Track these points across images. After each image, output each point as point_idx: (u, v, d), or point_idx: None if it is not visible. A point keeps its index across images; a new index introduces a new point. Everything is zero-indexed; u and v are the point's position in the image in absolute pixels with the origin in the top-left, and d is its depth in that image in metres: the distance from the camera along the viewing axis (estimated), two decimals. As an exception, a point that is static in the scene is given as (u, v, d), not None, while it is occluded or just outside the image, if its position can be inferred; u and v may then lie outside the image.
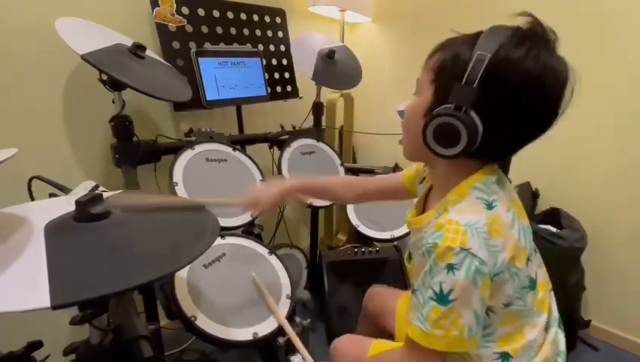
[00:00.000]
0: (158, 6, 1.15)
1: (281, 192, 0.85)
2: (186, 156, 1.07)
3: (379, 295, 0.98)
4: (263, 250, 1.03)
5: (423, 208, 0.71)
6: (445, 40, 0.58)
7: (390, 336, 0.88)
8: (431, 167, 0.67)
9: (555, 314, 0.64)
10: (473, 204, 0.55)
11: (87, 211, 0.52)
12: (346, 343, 0.83)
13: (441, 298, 0.51)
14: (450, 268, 0.50)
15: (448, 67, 0.54)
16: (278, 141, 1.41)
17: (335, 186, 0.94)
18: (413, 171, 0.84)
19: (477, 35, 0.53)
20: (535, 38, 0.51)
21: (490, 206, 0.55)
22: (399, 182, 0.86)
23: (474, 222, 0.52)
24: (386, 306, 0.93)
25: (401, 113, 1.54)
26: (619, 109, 1.31)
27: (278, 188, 0.85)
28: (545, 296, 0.61)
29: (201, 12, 1.27)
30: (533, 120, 0.54)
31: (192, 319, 0.80)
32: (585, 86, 0.52)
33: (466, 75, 0.50)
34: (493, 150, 0.57)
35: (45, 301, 0.39)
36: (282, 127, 1.44)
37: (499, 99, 0.51)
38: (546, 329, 0.60)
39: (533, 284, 0.58)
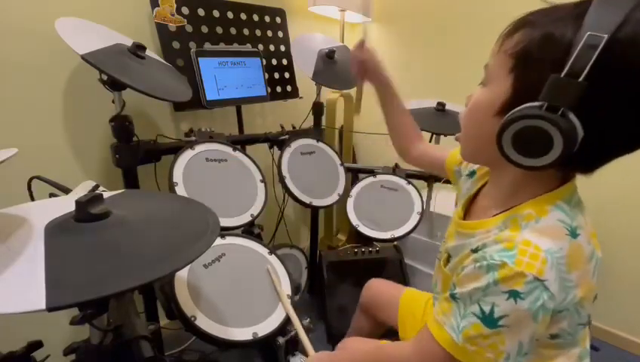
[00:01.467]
0: (158, 6, 1.15)
1: (375, 64, 0.84)
2: (186, 156, 1.07)
3: (378, 287, 0.98)
4: (263, 250, 1.03)
5: (467, 208, 0.62)
6: (528, 13, 0.44)
7: (388, 329, 0.88)
8: (494, 169, 0.56)
9: (588, 346, 0.58)
10: (555, 228, 0.45)
11: (87, 211, 0.52)
12: (352, 342, 0.83)
13: (489, 320, 0.44)
14: (514, 295, 0.42)
15: (538, 52, 0.41)
16: (278, 141, 1.41)
17: (405, 128, 0.88)
18: (458, 157, 0.73)
19: (582, 5, 0.39)
20: None
21: (573, 233, 0.45)
22: (441, 162, 0.78)
23: (556, 251, 0.43)
24: (385, 299, 0.93)
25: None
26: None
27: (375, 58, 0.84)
28: (589, 330, 0.55)
29: (201, 12, 1.27)
30: None
31: (192, 319, 0.80)
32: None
33: (568, 64, 0.37)
34: (587, 160, 0.46)
35: (41, 302, 0.39)
36: (282, 127, 1.44)
37: (613, 98, 0.39)
38: (579, 358, 0.55)
39: (588, 321, 0.51)
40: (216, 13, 1.32)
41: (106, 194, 0.67)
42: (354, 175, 1.69)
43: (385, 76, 0.85)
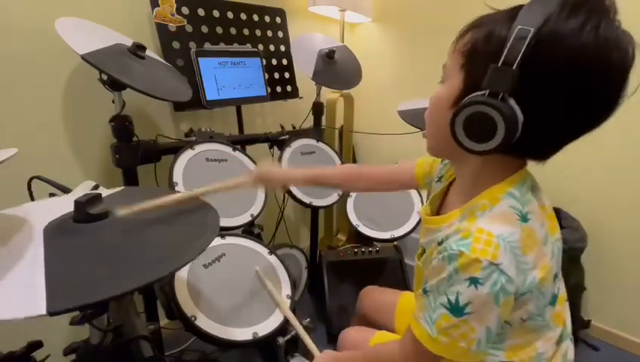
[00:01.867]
0: (158, 6, 1.15)
1: (290, 179, 0.91)
2: (186, 156, 1.07)
3: (373, 294, 0.98)
4: (262, 250, 1.03)
5: (439, 206, 0.66)
6: (478, 17, 0.50)
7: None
8: (457, 163, 0.59)
9: (569, 327, 0.60)
10: (506, 214, 0.48)
11: (87, 211, 0.52)
12: (353, 332, 0.85)
13: (456, 309, 0.46)
14: (474, 281, 0.45)
15: (481, 47, 0.46)
16: (278, 141, 1.41)
17: (337, 179, 0.93)
18: (427, 167, 0.78)
19: (516, 9, 0.45)
20: (591, 6, 0.41)
21: (524, 218, 0.48)
22: (410, 177, 0.81)
23: (507, 235, 0.46)
24: (382, 304, 0.93)
25: (401, 113, 1.55)
26: (620, 109, 1.31)
27: (287, 176, 0.91)
28: (562, 310, 0.57)
29: (201, 12, 1.27)
30: (588, 108, 0.45)
31: (192, 319, 0.80)
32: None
33: (504, 55, 0.42)
34: (535, 146, 0.49)
35: (42, 307, 0.39)
36: (282, 127, 1.44)
37: (545, 82, 0.43)
38: (558, 342, 0.56)
39: (554, 300, 0.53)
40: (216, 13, 1.32)
41: (105, 192, 0.67)
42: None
43: (300, 176, 0.93)
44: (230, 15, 1.35)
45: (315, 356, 0.79)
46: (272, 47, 1.50)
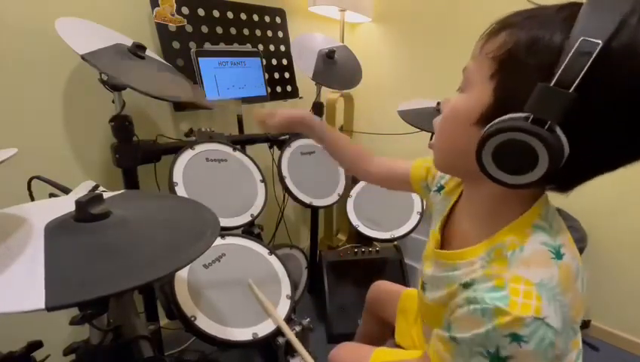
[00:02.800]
0: (158, 6, 1.15)
1: (297, 115, 0.79)
2: (186, 156, 1.07)
3: (381, 289, 0.98)
4: (263, 250, 1.03)
5: (443, 228, 0.58)
6: (512, 14, 0.40)
7: (392, 330, 0.88)
8: (470, 184, 0.52)
9: (581, 344, 0.55)
10: (540, 254, 0.41)
11: (87, 211, 0.52)
12: (344, 352, 0.80)
13: (496, 359, 0.40)
14: (517, 339, 0.38)
15: (523, 56, 0.37)
16: (278, 141, 1.41)
17: (347, 151, 0.83)
18: (423, 171, 0.70)
19: (571, 7, 0.35)
20: None
21: (558, 255, 0.41)
22: (406, 177, 0.74)
23: (547, 281, 0.39)
24: (387, 300, 0.93)
25: (401, 113, 1.55)
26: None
27: (295, 111, 0.81)
28: (579, 333, 0.52)
29: (201, 12, 1.27)
30: None
31: (192, 319, 0.80)
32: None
33: (559, 72, 0.33)
34: (567, 178, 0.42)
35: (40, 302, 0.39)
36: (282, 127, 1.44)
37: (605, 110, 0.34)
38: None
39: (576, 331, 0.47)
40: (216, 13, 1.32)
41: (106, 195, 0.67)
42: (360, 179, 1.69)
43: (307, 119, 0.81)
44: (230, 15, 1.35)
45: None
46: (272, 47, 1.50)
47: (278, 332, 0.86)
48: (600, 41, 0.32)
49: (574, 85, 0.33)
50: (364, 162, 0.83)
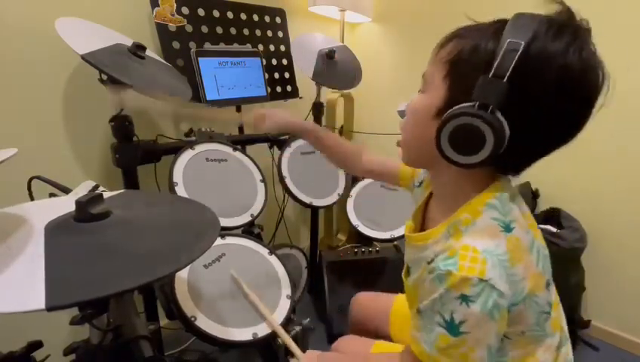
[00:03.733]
0: (158, 6, 1.15)
1: (293, 122, 0.85)
2: (186, 156, 1.07)
3: (367, 301, 0.96)
4: (263, 250, 1.03)
5: (422, 219, 0.65)
6: (458, 28, 0.50)
7: (383, 338, 0.87)
8: (434, 173, 0.59)
9: (566, 330, 0.59)
10: (490, 227, 0.48)
11: (87, 211, 0.52)
12: (347, 342, 0.82)
13: (451, 327, 0.45)
14: (465, 299, 0.44)
15: (468, 58, 0.46)
16: (278, 141, 1.41)
17: (342, 151, 0.88)
18: (409, 169, 0.78)
19: (500, 23, 0.46)
20: (575, 28, 0.43)
21: (508, 228, 0.48)
22: (397, 173, 0.81)
23: (493, 248, 0.45)
24: (374, 310, 0.91)
25: (401, 113, 1.55)
26: (620, 110, 1.31)
27: (286, 120, 0.85)
28: (557, 315, 0.56)
29: (201, 12, 1.27)
30: (565, 124, 0.46)
31: (192, 319, 0.80)
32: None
33: (494, 66, 0.42)
34: (514, 159, 0.49)
35: (40, 302, 0.39)
36: (282, 127, 1.44)
37: (531, 97, 0.43)
38: (558, 347, 0.55)
39: (550, 308, 0.52)
40: (216, 13, 1.32)
41: (106, 195, 0.67)
42: (354, 175, 1.69)
43: (298, 123, 0.87)
44: (230, 15, 1.35)
45: (299, 356, 0.77)
46: (272, 47, 1.50)
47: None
48: (522, 42, 0.42)
49: (507, 75, 0.42)
50: (354, 159, 0.89)
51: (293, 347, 0.81)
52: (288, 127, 0.88)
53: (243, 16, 1.39)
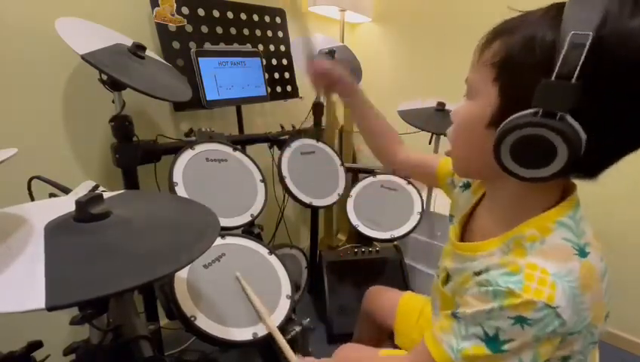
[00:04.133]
0: (158, 6, 1.15)
1: (340, 73, 0.78)
2: (186, 156, 1.07)
3: (377, 294, 0.98)
4: (262, 250, 1.03)
5: (465, 225, 0.59)
6: (501, 22, 0.43)
7: (389, 335, 0.88)
8: (491, 182, 0.53)
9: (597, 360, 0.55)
10: (562, 248, 0.42)
11: (87, 211, 0.52)
12: (347, 352, 0.81)
13: (492, 343, 0.41)
14: (521, 321, 0.39)
15: (521, 58, 0.40)
16: (278, 141, 1.41)
17: (378, 129, 0.82)
18: (448, 167, 0.71)
19: (556, 7, 0.38)
20: None
21: (582, 252, 0.42)
22: (433, 170, 0.74)
23: (565, 274, 0.40)
24: (384, 305, 0.93)
25: (401, 113, 1.55)
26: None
27: (340, 67, 0.78)
28: (597, 349, 0.52)
29: (201, 12, 1.27)
30: None
31: (192, 319, 0.80)
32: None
33: (558, 65, 0.35)
34: (590, 164, 0.43)
35: (41, 302, 0.39)
36: (282, 127, 1.44)
37: (609, 94, 0.37)
38: None
39: (596, 338, 0.47)
40: (216, 13, 1.32)
41: (106, 195, 0.67)
42: (354, 175, 1.69)
43: (350, 84, 0.81)
44: (230, 15, 1.35)
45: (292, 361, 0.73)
46: (272, 47, 1.50)
47: (279, 332, 0.86)
48: (590, 33, 0.34)
49: (575, 75, 0.35)
50: (393, 146, 0.82)
51: (290, 354, 0.80)
52: (331, 76, 0.79)
53: (243, 16, 1.39)
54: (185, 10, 1.22)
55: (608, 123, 0.38)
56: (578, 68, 0.35)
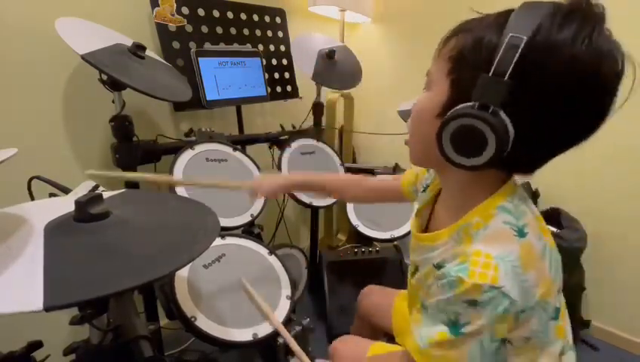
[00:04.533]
0: (158, 6, 1.15)
1: (281, 187, 0.88)
2: (186, 156, 1.07)
3: (373, 294, 0.98)
4: (262, 250, 1.03)
5: (428, 220, 0.64)
6: (463, 22, 0.48)
7: (385, 334, 0.88)
8: (442, 174, 0.57)
9: (570, 339, 0.56)
10: (502, 231, 0.47)
11: (87, 211, 0.52)
12: (345, 344, 0.82)
13: (454, 327, 0.45)
14: (474, 304, 0.43)
15: (470, 55, 0.44)
16: (278, 141, 1.41)
17: (334, 185, 0.92)
18: (412, 177, 0.78)
19: (505, 14, 0.43)
20: (583, 14, 0.39)
21: (521, 233, 0.46)
22: (398, 187, 0.82)
23: (506, 255, 0.44)
24: (380, 305, 0.93)
25: (401, 113, 1.55)
26: (621, 109, 1.31)
27: (278, 183, 0.87)
28: (564, 323, 0.54)
29: (201, 12, 1.27)
30: (578, 121, 0.43)
31: (192, 319, 0.80)
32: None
33: (495, 64, 0.40)
34: (524, 160, 0.47)
35: (38, 303, 0.39)
36: (282, 127, 1.44)
37: (537, 95, 0.41)
38: (560, 354, 0.53)
39: (557, 315, 0.50)
40: (216, 13, 1.32)
41: (106, 195, 0.67)
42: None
43: (298, 181, 0.93)
44: (230, 15, 1.35)
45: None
46: (272, 47, 1.50)
47: (278, 332, 0.86)
48: (524, 37, 0.39)
49: (508, 73, 0.39)
50: (354, 185, 0.90)
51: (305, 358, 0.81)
52: (277, 194, 0.92)
53: (243, 16, 1.39)
54: (185, 10, 1.22)
55: (535, 122, 0.42)
56: (511, 67, 0.39)
